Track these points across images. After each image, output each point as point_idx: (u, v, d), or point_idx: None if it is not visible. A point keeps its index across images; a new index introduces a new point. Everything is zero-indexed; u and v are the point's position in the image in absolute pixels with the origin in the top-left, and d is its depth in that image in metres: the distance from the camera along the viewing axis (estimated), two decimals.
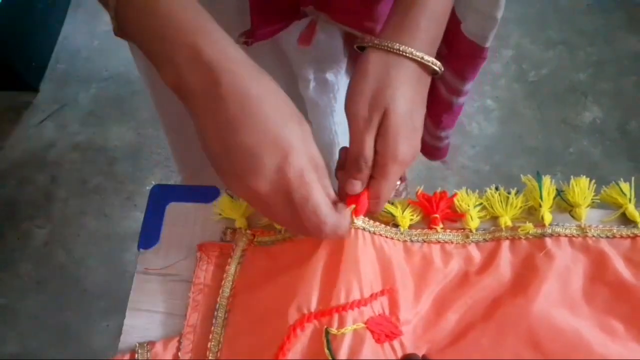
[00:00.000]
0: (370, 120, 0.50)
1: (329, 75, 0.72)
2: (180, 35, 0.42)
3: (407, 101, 0.51)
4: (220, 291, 0.54)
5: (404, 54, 0.51)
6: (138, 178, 1.68)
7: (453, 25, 0.62)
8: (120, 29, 0.45)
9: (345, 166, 0.52)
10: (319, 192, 0.46)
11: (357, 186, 0.51)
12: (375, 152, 0.51)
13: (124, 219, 1.61)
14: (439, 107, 0.73)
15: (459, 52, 0.65)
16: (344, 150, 0.54)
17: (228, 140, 0.44)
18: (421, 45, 0.52)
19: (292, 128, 0.45)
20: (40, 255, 1.57)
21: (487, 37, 0.62)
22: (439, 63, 0.53)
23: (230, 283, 0.55)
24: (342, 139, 0.78)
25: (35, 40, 1.84)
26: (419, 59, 0.51)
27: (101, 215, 1.62)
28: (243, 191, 0.46)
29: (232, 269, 0.56)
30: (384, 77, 0.50)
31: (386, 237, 0.55)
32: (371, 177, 0.52)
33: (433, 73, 0.54)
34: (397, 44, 0.50)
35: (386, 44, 0.50)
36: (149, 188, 0.62)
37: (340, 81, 0.73)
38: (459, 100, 0.71)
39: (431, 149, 0.81)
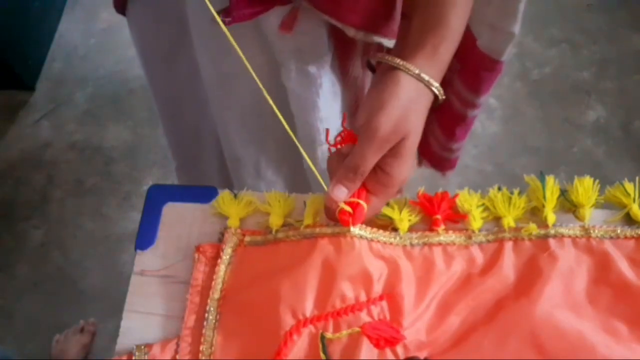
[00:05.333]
0: (388, 141, 0.51)
1: (311, 68, 0.71)
2: None
3: (420, 128, 0.53)
4: (210, 293, 0.54)
5: (430, 86, 0.53)
6: (135, 178, 1.67)
7: (468, 42, 0.63)
8: None
9: (338, 170, 0.53)
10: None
11: (343, 194, 0.52)
12: (383, 171, 0.52)
13: (121, 219, 1.61)
14: (453, 121, 0.74)
15: (474, 67, 0.66)
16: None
17: None
18: (441, 77, 0.54)
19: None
20: (36, 256, 1.56)
21: (504, 51, 0.64)
22: (443, 93, 0.55)
23: (220, 285, 0.55)
24: (325, 136, 0.77)
25: (31, 39, 1.83)
26: (436, 92, 0.53)
27: (98, 215, 1.62)
28: None
29: (221, 269, 0.55)
30: (414, 105, 0.52)
31: (384, 242, 0.54)
32: (371, 193, 0.53)
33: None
34: (427, 77, 0.52)
35: (417, 72, 0.52)
36: (146, 188, 0.62)
37: (323, 76, 0.73)
38: (473, 113, 0.72)
39: (441, 160, 0.83)
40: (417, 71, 0.52)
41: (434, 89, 0.53)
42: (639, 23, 1.86)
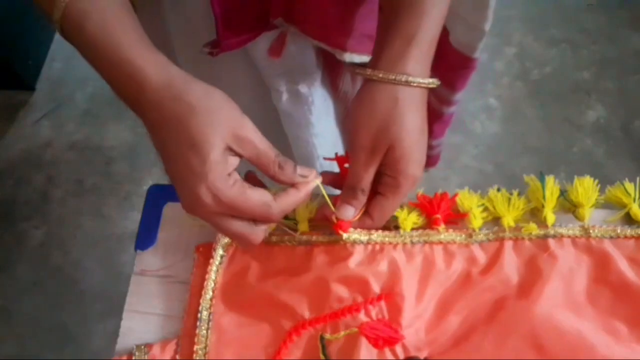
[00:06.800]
0: (373, 154, 0.50)
1: (302, 88, 0.71)
2: (115, 54, 0.44)
3: (416, 129, 0.50)
4: (203, 293, 0.54)
5: (412, 84, 0.49)
6: (135, 178, 1.67)
7: (441, 36, 0.62)
8: (65, 36, 0.46)
9: (342, 191, 0.53)
10: (226, 222, 0.46)
11: (349, 212, 0.52)
12: (388, 175, 0.51)
13: (121, 219, 1.61)
14: (430, 117, 0.73)
15: (447, 63, 0.65)
16: None
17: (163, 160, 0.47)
18: (425, 69, 0.51)
19: (199, 157, 0.44)
20: (36, 256, 1.56)
21: (475, 48, 0.63)
22: (437, 81, 0.52)
23: (212, 285, 0.54)
24: (321, 151, 0.78)
25: (32, 39, 1.83)
26: (425, 85, 0.50)
27: (98, 215, 1.62)
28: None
29: (212, 269, 0.55)
30: (391, 113, 0.49)
31: (382, 242, 0.54)
32: (380, 194, 0.52)
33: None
34: (405, 76, 0.49)
35: (393, 77, 0.49)
36: (146, 188, 0.62)
37: (314, 93, 0.72)
38: (449, 109, 0.72)
39: None
40: (392, 76, 0.49)
41: (417, 84, 0.50)
42: (639, 23, 1.86)
